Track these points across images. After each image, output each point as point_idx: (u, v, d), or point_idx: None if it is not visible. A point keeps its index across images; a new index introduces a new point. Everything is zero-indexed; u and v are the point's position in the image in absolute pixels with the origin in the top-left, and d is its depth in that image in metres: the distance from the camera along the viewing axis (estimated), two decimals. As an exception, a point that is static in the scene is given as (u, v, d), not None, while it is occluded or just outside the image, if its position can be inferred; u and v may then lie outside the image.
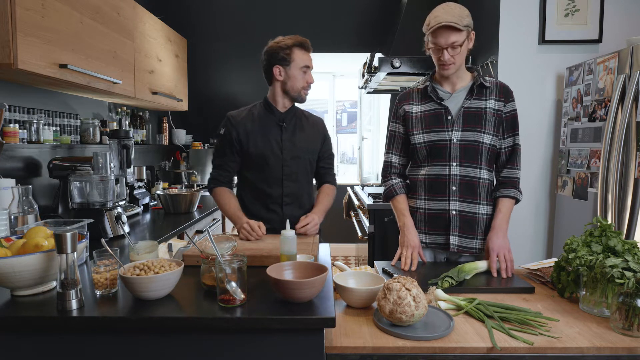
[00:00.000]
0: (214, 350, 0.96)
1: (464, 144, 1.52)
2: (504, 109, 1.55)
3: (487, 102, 1.54)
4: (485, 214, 1.56)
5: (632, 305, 1.00)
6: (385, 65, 2.66)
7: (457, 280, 1.30)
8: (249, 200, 1.80)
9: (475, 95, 1.54)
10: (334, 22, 4.08)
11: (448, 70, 1.49)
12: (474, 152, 1.52)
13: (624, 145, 1.79)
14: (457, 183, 1.53)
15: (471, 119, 1.52)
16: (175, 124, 4.09)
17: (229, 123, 1.77)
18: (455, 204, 1.54)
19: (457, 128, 1.52)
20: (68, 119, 2.40)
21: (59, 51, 1.84)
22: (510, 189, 1.55)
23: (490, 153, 1.55)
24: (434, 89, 1.57)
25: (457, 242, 1.55)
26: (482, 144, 1.52)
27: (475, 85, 1.54)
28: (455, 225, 1.54)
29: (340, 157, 5.25)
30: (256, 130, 1.75)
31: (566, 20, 2.41)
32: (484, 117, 1.52)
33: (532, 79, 2.48)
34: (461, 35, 1.44)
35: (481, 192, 1.55)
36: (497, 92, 1.55)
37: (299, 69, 1.70)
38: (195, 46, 4.00)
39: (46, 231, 1.17)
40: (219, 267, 0.99)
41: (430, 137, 1.55)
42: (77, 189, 1.82)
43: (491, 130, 1.53)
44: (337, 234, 4.55)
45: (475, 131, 1.52)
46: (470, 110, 1.53)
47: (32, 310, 0.98)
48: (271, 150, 1.74)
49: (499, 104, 1.54)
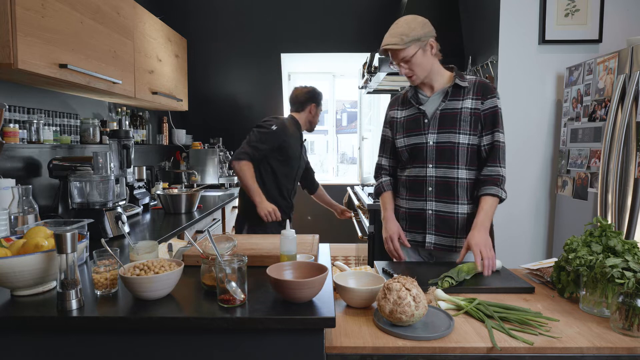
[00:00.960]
0: (214, 350, 0.96)
1: (440, 146, 1.56)
2: (482, 106, 1.54)
3: (464, 101, 1.56)
4: (465, 213, 1.58)
5: (632, 305, 1.00)
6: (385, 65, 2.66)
7: (457, 280, 1.31)
8: (269, 183, 2.36)
9: (451, 96, 1.56)
10: (334, 22, 4.07)
11: (413, 81, 1.59)
12: (449, 153, 1.55)
13: (624, 145, 1.79)
14: (434, 184, 1.58)
15: (446, 121, 1.55)
16: (175, 124, 4.09)
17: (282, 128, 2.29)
18: (431, 204, 1.59)
19: (432, 131, 1.57)
20: (68, 119, 2.40)
21: (59, 51, 1.84)
22: (490, 187, 1.52)
23: (470, 152, 1.56)
24: (415, 94, 1.64)
25: (433, 240, 1.61)
26: (459, 145, 1.54)
27: (450, 87, 1.56)
28: (432, 224, 1.60)
29: (340, 157, 5.25)
30: (293, 141, 2.37)
31: (566, 20, 2.41)
32: (458, 117, 1.54)
33: (532, 79, 2.48)
34: (407, 50, 1.50)
35: (459, 192, 1.57)
36: (474, 91, 1.56)
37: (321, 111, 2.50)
38: (195, 46, 4.00)
39: (46, 231, 1.17)
40: (219, 267, 0.99)
41: (410, 141, 1.62)
42: (77, 189, 1.82)
43: (467, 130, 1.54)
44: (337, 234, 4.55)
45: (450, 132, 1.54)
46: (445, 112, 1.56)
47: (32, 310, 0.98)
48: (298, 157, 2.42)
49: (475, 102, 1.55)
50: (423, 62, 1.52)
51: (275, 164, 2.32)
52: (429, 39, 1.52)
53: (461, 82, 1.56)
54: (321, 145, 5.27)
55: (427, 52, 1.53)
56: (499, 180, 1.53)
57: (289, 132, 2.32)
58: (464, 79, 1.57)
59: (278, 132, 2.26)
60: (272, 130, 2.25)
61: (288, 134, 2.31)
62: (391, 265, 1.51)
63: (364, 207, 2.84)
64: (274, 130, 2.25)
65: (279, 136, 2.27)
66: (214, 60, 4.15)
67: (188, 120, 4.22)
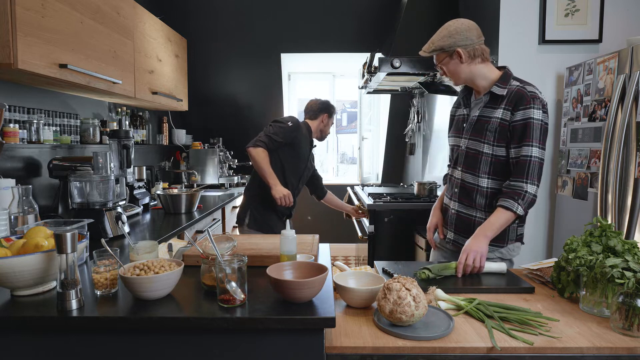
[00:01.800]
0: (214, 350, 0.96)
1: (469, 152, 1.59)
2: (511, 117, 1.47)
3: (497, 111, 1.51)
4: (483, 219, 1.55)
5: (632, 305, 1.00)
6: (385, 65, 2.65)
7: (435, 275, 1.37)
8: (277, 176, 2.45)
9: (489, 104, 1.55)
10: (334, 22, 4.07)
11: (455, 81, 1.61)
12: (474, 160, 1.57)
13: (624, 145, 1.79)
14: (459, 186, 1.64)
15: (477, 128, 1.57)
16: (175, 124, 4.09)
17: (299, 127, 2.49)
18: (454, 204, 1.66)
19: (466, 136, 1.60)
20: (68, 119, 2.40)
21: (59, 51, 1.84)
22: (506, 199, 1.46)
23: (494, 163, 1.52)
24: (467, 95, 1.67)
25: (453, 238, 1.67)
26: (482, 154, 1.54)
27: (487, 94, 1.55)
28: (452, 222, 1.67)
29: (340, 157, 5.25)
30: (304, 142, 2.54)
31: (566, 20, 2.41)
32: (487, 126, 1.52)
33: (532, 79, 2.45)
34: (439, 56, 1.55)
35: (479, 200, 1.57)
36: (508, 101, 1.49)
37: (332, 123, 2.66)
38: (195, 46, 4.00)
39: (46, 231, 1.17)
40: (219, 267, 0.99)
41: (452, 141, 1.70)
42: (77, 189, 1.82)
43: (491, 140, 1.51)
44: (337, 234, 4.55)
45: (477, 140, 1.56)
46: (481, 119, 1.56)
47: (32, 310, 0.98)
48: (306, 158, 2.59)
49: (505, 113, 1.49)
50: (453, 69, 1.55)
51: (285, 158, 2.47)
52: (456, 48, 1.49)
53: (497, 91, 1.51)
54: (321, 145, 5.26)
55: (455, 60, 1.52)
56: (518, 195, 1.44)
57: (302, 132, 2.51)
58: (505, 85, 1.51)
59: (293, 129, 2.44)
60: (289, 126, 2.43)
61: (302, 133, 2.51)
62: (391, 265, 1.51)
63: (364, 207, 2.84)
64: (290, 126, 2.43)
65: (293, 132, 2.44)
66: (214, 60, 4.15)
67: (188, 120, 4.22)
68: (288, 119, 2.48)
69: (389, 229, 2.71)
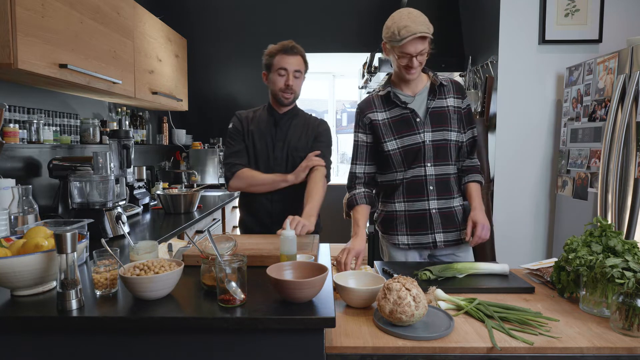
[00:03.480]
0: (214, 350, 0.96)
1: (436, 144, 1.58)
2: (462, 104, 1.63)
3: (447, 100, 1.61)
4: (460, 205, 1.66)
5: (632, 305, 1.00)
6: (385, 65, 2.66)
7: (437, 276, 1.36)
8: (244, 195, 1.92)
9: (432, 95, 1.59)
10: (334, 22, 4.07)
11: (414, 75, 1.54)
12: (444, 151, 1.59)
13: (624, 145, 1.79)
14: (434, 182, 1.60)
15: (438, 119, 1.58)
16: (175, 124, 4.09)
17: (236, 119, 1.92)
18: (434, 202, 1.61)
19: (427, 129, 1.57)
20: (68, 119, 2.40)
21: (59, 51, 1.84)
22: (475, 174, 1.65)
23: (457, 149, 1.62)
24: (396, 94, 1.61)
25: (443, 238, 1.63)
26: (450, 142, 1.59)
27: (436, 86, 1.59)
28: (437, 222, 1.62)
29: (340, 157, 5.24)
30: (255, 130, 1.88)
31: (566, 20, 2.41)
32: (448, 115, 1.59)
33: (532, 79, 2.48)
34: (427, 42, 1.49)
35: (453, 187, 1.64)
36: (454, 90, 1.63)
37: (276, 72, 1.79)
38: (195, 46, 4.00)
39: (46, 231, 1.16)
40: (219, 267, 0.99)
41: (404, 142, 1.58)
42: (77, 189, 1.82)
43: (456, 127, 1.60)
44: (337, 234, 4.55)
45: (444, 130, 1.58)
46: (435, 110, 1.59)
47: (32, 310, 0.98)
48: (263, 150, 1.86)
49: (457, 101, 1.62)
50: (424, 59, 1.53)
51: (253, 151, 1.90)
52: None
53: (443, 82, 1.61)
54: (321, 145, 5.26)
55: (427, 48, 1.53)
56: (479, 168, 1.68)
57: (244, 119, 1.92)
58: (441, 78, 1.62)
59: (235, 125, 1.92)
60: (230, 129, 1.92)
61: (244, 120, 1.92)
62: (391, 265, 1.51)
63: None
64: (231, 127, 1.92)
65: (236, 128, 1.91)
66: (214, 60, 4.15)
67: (188, 120, 4.22)
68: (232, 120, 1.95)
69: (389, 229, 2.71)
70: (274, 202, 1.86)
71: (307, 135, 1.89)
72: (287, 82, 1.78)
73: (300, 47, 1.80)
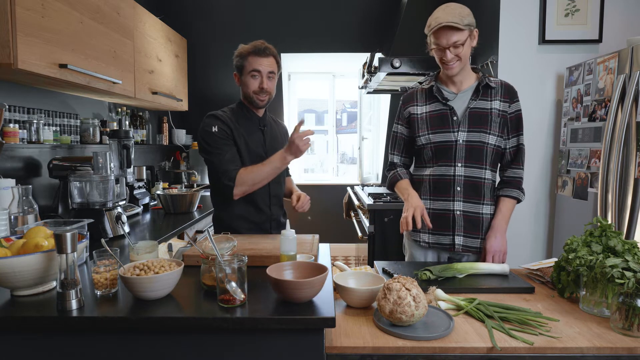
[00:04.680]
0: (214, 350, 0.96)
1: (470, 145, 1.54)
2: (509, 109, 1.57)
3: (493, 102, 1.55)
4: (489, 214, 1.59)
5: (632, 305, 1.00)
6: (385, 65, 2.66)
7: (436, 276, 1.35)
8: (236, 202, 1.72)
9: (480, 96, 1.55)
10: (334, 22, 4.07)
11: (452, 69, 1.50)
12: (479, 153, 1.54)
13: (624, 145, 1.79)
14: (462, 184, 1.55)
15: (477, 120, 1.54)
16: (175, 124, 4.09)
17: (220, 121, 1.74)
18: (459, 204, 1.56)
19: (463, 129, 1.54)
20: (68, 119, 2.40)
21: (59, 51, 1.84)
22: (513, 189, 1.58)
23: (495, 154, 1.57)
24: (439, 89, 1.58)
25: (462, 242, 1.58)
26: (487, 145, 1.54)
27: (480, 86, 1.55)
28: (460, 225, 1.57)
29: (340, 157, 5.25)
30: (242, 132, 1.75)
31: (566, 20, 2.41)
32: (489, 117, 1.53)
33: (532, 79, 2.48)
34: (462, 34, 1.44)
35: (485, 192, 1.57)
36: (502, 93, 1.56)
37: (249, 75, 1.71)
38: (195, 46, 4.00)
39: (46, 231, 1.17)
40: (219, 267, 0.99)
41: (436, 138, 1.56)
42: (77, 189, 1.82)
43: (496, 131, 1.54)
44: (337, 234, 4.55)
45: (481, 132, 1.53)
46: (476, 111, 1.54)
47: (32, 310, 0.98)
48: (257, 153, 1.74)
49: (504, 105, 1.56)
50: (467, 51, 1.50)
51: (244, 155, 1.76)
52: (475, 28, 1.50)
53: (491, 83, 1.55)
54: (321, 145, 5.26)
55: (472, 41, 1.50)
56: (520, 183, 1.58)
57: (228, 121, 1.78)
58: (490, 79, 1.56)
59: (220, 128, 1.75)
60: (213, 132, 1.74)
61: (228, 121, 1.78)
62: (391, 265, 1.51)
63: (364, 207, 2.84)
64: (215, 131, 1.74)
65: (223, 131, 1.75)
66: (214, 60, 4.15)
67: (188, 120, 4.22)
68: (208, 123, 1.77)
69: (389, 229, 2.72)
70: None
71: (285, 137, 1.91)
72: (261, 85, 1.71)
73: (272, 48, 1.72)
